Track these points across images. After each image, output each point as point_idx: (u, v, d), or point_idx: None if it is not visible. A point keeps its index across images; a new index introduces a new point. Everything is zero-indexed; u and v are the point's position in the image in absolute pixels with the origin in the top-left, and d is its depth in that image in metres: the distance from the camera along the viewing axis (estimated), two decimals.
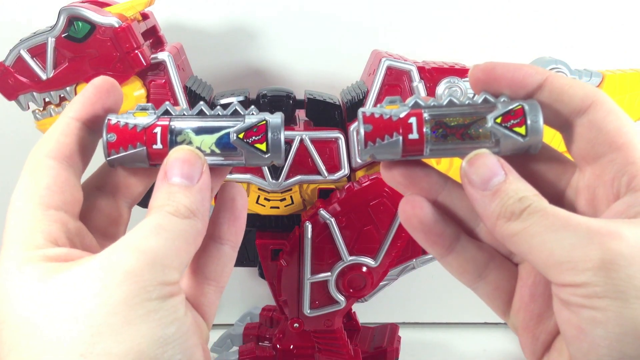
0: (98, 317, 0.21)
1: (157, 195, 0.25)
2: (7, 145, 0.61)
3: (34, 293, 0.22)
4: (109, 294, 0.21)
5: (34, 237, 0.23)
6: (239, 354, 0.55)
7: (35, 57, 0.43)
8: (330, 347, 0.52)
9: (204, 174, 0.25)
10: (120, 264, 0.22)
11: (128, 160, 0.27)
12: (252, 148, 0.26)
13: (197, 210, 0.24)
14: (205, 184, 0.25)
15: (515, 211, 0.23)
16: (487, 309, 0.30)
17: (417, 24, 0.58)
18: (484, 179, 0.24)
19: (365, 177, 0.45)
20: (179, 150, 0.25)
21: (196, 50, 0.52)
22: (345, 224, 0.44)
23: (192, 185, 0.25)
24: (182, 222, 0.24)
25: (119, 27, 0.42)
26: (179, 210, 0.24)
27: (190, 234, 0.24)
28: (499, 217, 0.24)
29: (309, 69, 0.59)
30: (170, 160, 0.25)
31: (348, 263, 0.46)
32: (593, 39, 0.59)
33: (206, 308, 0.29)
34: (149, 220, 0.24)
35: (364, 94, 0.45)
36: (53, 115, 0.44)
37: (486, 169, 0.24)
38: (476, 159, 0.25)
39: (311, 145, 0.45)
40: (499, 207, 0.24)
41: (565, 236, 0.22)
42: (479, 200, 0.24)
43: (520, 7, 0.58)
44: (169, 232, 0.23)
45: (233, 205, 0.29)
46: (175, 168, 0.25)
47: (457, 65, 0.46)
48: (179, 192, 0.24)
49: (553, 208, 0.23)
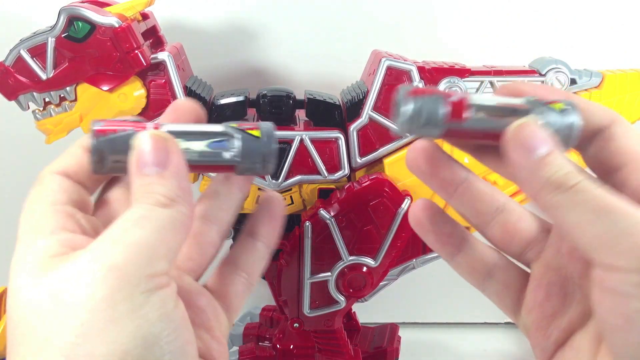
0: (82, 316, 0.21)
1: (134, 190, 0.24)
2: (7, 145, 0.61)
3: (29, 290, 0.22)
4: (92, 291, 0.21)
5: (43, 226, 0.23)
6: (239, 354, 0.55)
7: (35, 57, 0.43)
8: (330, 347, 0.52)
9: (173, 156, 0.24)
10: (103, 259, 0.21)
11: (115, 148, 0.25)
12: (246, 134, 0.26)
13: (176, 196, 0.24)
14: (177, 166, 0.24)
15: (564, 183, 0.22)
16: (487, 309, 0.30)
17: (417, 24, 0.58)
18: (532, 146, 0.23)
19: (365, 177, 0.45)
20: (143, 139, 0.24)
21: (196, 50, 0.52)
22: (345, 224, 0.44)
23: (165, 171, 0.24)
24: (165, 212, 0.23)
25: (119, 27, 0.42)
26: (158, 201, 0.23)
27: (176, 221, 0.23)
28: (544, 186, 0.23)
29: (309, 69, 0.59)
30: (137, 150, 0.24)
31: (348, 263, 0.46)
32: (593, 39, 0.59)
33: (232, 297, 0.29)
34: (131, 212, 0.23)
35: (364, 94, 0.45)
36: (53, 115, 0.44)
37: (534, 136, 0.23)
38: (525, 125, 0.24)
39: (311, 145, 0.45)
40: (546, 176, 0.23)
41: (619, 219, 0.21)
42: (524, 166, 0.23)
43: (520, 7, 0.58)
44: (153, 222, 0.23)
45: (270, 207, 0.30)
46: (143, 157, 0.24)
47: (457, 65, 0.46)
48: (153, 181, 0.24)
49: (604, 189, 0.22)
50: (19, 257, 0.23)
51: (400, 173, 0.46)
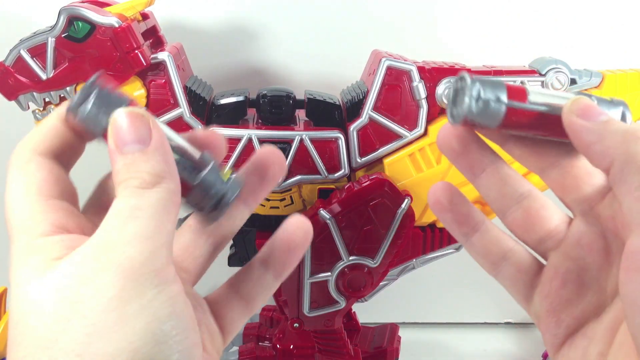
0: (92, 316, 0.21)
1: (117, 170, 0.23)
2: (7, 146, 0.61)
3: (30, 290, 0.21)
4: (100, 290, 0.21)
5: (41, 226, 0.23)
6: (239, 354, 0.55)
7: (35, 57, 0.43)
8: (330, 347, 0.52)
9: (154, 130, 0.23)
10: (107, 257, 0.21)
11: (103, 101, 0.24)
12: (216, 170, 0.25)
13: (162, 171, 0.23)
14: (159, 140, 0.23)
15: (636, 132, 0.23)
16: (487, 309, 0.30)
17: (417, 24, 0.58)
18: (592, 113, 0.24)
19: (365, 177, 0.45)
20: (119, 116, 0.23)
21: (196, 50, 0.52)
22: (345, 224, 0.44)
23: (147, 147, 0.23)
24: (154, 192, 0.22)
25: (119, 27, 0.42)
26: (145, 180, 0.22)
27: (167, 201, 0.23)
28: (625, 134, 0.23)
29: (309, 69, 0.59)
30: (115, 127, 0.23)
31: (348, 263, 0.46)
32: (593, 39, 0.59)
33: (227, 322, 0.28)
34: (120, 203, 0.22)
35: (364, 94, 0.45)
36: None
37: (592, 107, 0.24)
38: (581, 100, 0.25)
39: (311, 145, 0.45)
40: (624, 127, 0.23)
41: None
42: (592, 128, 0.24)
43: (520, 7, 0.58)
44: (146, 210, 0.22)
45: (291, 239, 0.28)
46: (121, 135, 0.23)
47: (457, 65, 0.46)
48: (136, 159, 0.23)
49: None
50: (19, 259, 0.22)
51: (400, 173, 0.46)
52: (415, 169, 0.46)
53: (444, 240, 0.49)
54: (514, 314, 0.72)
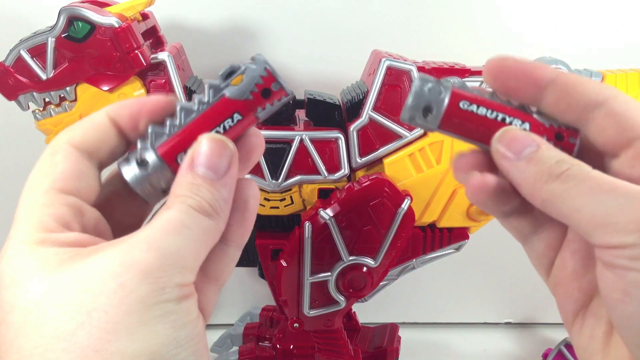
0: (114, 316, 0.21)
1: (181, 183, 0.24)
2: (7, 146, 0.61)
3: (46, 280, 0.21)
4: (126, 293, 0.21)
5: (45, 220, 0.23)
6: (239, 354, 0.55)
7: (35, 57, 0.43)
8: (330, 347, 0.52)
9: (232, 167, 0.24)
10: (139, 263, 0.21)
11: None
12: (161, 161, 0.25)
13: (220, 209, 0.24)
14: (231, 178, 0.24)
15: (554, 172, 0.23)
16: (487, 309, 0.30)
17: (417, 24, 0.58)
18: (517, 149, 0.24)
19: (365, 177, 0.45)
20: (208, 138, 0.24)
21: (196, 50, 0.52)
22: (345, 224, 0.44)
23: (218, 180, 0.24)
24: (205, 221, 0.23)
25: (119, 27, 0.42)
26: (202, 207, 0.23)
27: (211, 234, 0.24)
28: (536, 180, 0.24)
29: (309, 69, 0.59)
30: (197, 147, 0.24)
31: (348, 263, 0.46)
32: (593, 39, 0.59)
33: (204, 305, 0.28)
34: (171, 214, 0.23)
35: (364, 94, 0.45)
36: (53, 115, 0.44)
37: (517, 141, 0.24)
38: (505, 134, 0.25)
39: (311, 145, 0.45)
40: (536, 170, 0.24)
41: (611, 198, 0.22)
42: (514, 170, 0.24)
43: (520, 7, 0.58)
44: (191, 231, 0.23)
45: (245, 207, 0.28)
46: (201, 157, 0.24)
47: (457, 65, 0.46)
48: (203, 185, 0.23)
49: (596, 171, 0.23)
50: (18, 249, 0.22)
51: (400, 173, 0.46)
52: (415, 169, 0.46)
53: (444, 240, 0.49)
54: (514, 314, 0.72)
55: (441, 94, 0.26)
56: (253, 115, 0.26)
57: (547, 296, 0.29)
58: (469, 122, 0.26)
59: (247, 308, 0.64)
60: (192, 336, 0.23)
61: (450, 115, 0.26)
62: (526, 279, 0.30)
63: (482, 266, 0.67)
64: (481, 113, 0.26)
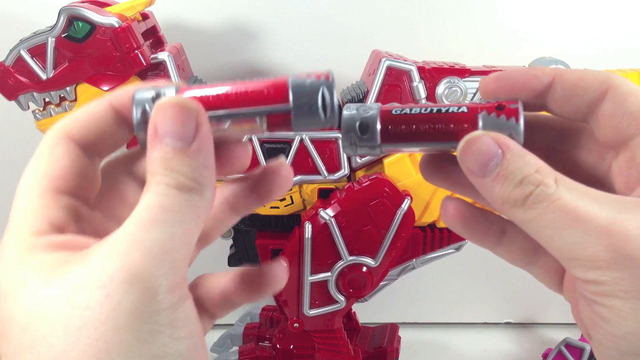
0: (104, 333, 0.19)
1: (152, 158, 0.21)
2: (7, 145, 0.61)
3: (37, 293, 0.20)
4: (113, 305, 0.19)
5: (39, 223, 0.21)
6: (239, 354, 0.55)
7: (35, 57, 0.43)
8: (330, 347, 0.52)
9: (200, 130, 0.21)
10: (123, 267, 0.19)
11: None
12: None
13: (201, 177, 0.21)
14: (204, 142, 0.21)
15: (519, 198, 0.22)
16: (487, 309, 0.30)
17: (417, 24, 0.58)
18: (481, 164, 0.23)
19: (365, 177, 0.45)
20: (166, 104, 0.21)
21: (196, 50, 0.52)
22: (345, 224, 0.44)
23: (189, 147, 0.21)
24: (188, 198, 0.20)
25: (119, 27, 0.42)
26: (181, 183, 0.20)
27: (198, 209, 0.21)
28: (503, 202, 0.23)
29: (309, 69, 0.59)
30: (156, 115, 0.21)
31: (348, 263, 0.46)
32: (593, 39, 0.59)
33: None
34: (150, 199, 0.20)
35: (364, 94, 0.45)
36: (53, 115, 0.44)
37: (480, 153, 0.23)
38: (469, 144, 0.23)
39: (311, 145, 0.45)
40: (502, 192, 0.22)
41: (572, 232, 0.21)
42: (482, 187, 0.23)
43: (520, 7, 0.58)
44: (175, 214, 0.20)
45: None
46: (164, 126, 0.21)
47: (457, 65, 0.46)
48: (175, 157, 0.20)
49: (559, 196, 0.22)
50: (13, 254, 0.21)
51: (400, 173, 0.46)
52: (415, 169, 0.46)
53: (444, 240, 0.49)
54: (514, 314, 0.72)
55: (370, 110, 0.25)
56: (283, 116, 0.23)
57: (547, 296, 0.29)
58: (409, 125, 0.24)
59: (247, 308, 0.64)
60: (192, 348, 0.20)
61: (386, 123, 0.25)
62: (526, 279, 0.30)
63: (482, 266, 0.67)
64: (415, 112, 0.25)
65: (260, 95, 0.23)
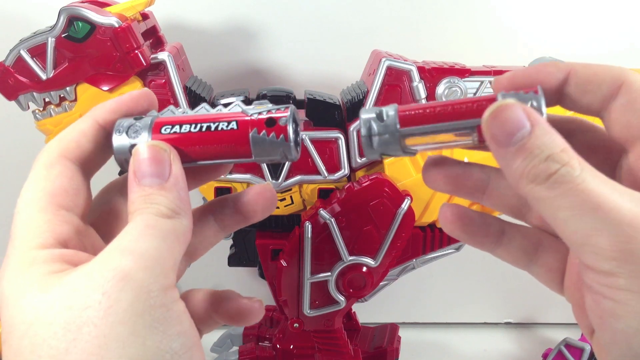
0: (103, 328, 0.20)
1: (133, 199, 0.24)
2: (7, 145, 0.61)
3: (36, 300, 0.21)
4: (111, 302, 0.20)
5: (43, 236, 0.23)
6: (239, 354, 0.55)
7: (35, 57, 0.43)
8: (330, 347, 0.52)
9: (172, 167, 0.24)
10: (118, 269, 0.21)
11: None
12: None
13: (178, 208, 0.24)
14: (177, 177, 0.24)
15: (541, 174, 0.21)
16: (487, 309, 0.30)
17: (417, 24, 0.58)
18: (508, 133, 0.22)
19: (365, 177, 0.45)
20: (142, 148, 0.24)
21: (196, 50, 0.52)
22: (345, 224, 0.44)
23: (166, 182, 0.24)
24: (169, 223, 0.23)
25: (119, 27, 0.42)
26: (161, 212, 0.23)
27: (179, 231, 0.23)
28: (522, 176, 0.22)
29: (309, 69, 0.59)
30: (135, 160, 0.24)
31: (348, 263, 0.46)
32: (593, 39, 0.59)
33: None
34: (135, 222, 0.23)
35: (364, 94, 0.45)
36: (53, 115, 0.44)
37: (510, 121, 0.22)
38: (499, 110, 0.22)
39: (311, 145, 0.45)
40: (523, 166, 0.22)
41: (594, 218, 0.21)
42: (502, 157, 0.23)
43: (520, 7, 0.58)
44: (159, 231, 0.22)
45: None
46: (142, 167, 0.24)
47: (457, 65, 0.46)
48: (154, 193, 0.23)
49: (583, 180, 0.21)
50: (15, 267, 0.22)
51: (400, 173, 0.46)
52: (415, 169, 0.46)
53: (444, 240, 0.49)
54: (514, 314, 0.72)
55: (386, 107, 0.25)
56: (245, 137, 0.25)
57: (547, 296, 0.29)
58: (427, 108, 0.24)
59: None
60: (185, 349, 0.22)
61: (404, 109, 0.25)
62: (526, 279, 0.30)
63: (482, 266, 0.67)
64: (433, 103, 0.25)
65: (229, 138, 0.25)
